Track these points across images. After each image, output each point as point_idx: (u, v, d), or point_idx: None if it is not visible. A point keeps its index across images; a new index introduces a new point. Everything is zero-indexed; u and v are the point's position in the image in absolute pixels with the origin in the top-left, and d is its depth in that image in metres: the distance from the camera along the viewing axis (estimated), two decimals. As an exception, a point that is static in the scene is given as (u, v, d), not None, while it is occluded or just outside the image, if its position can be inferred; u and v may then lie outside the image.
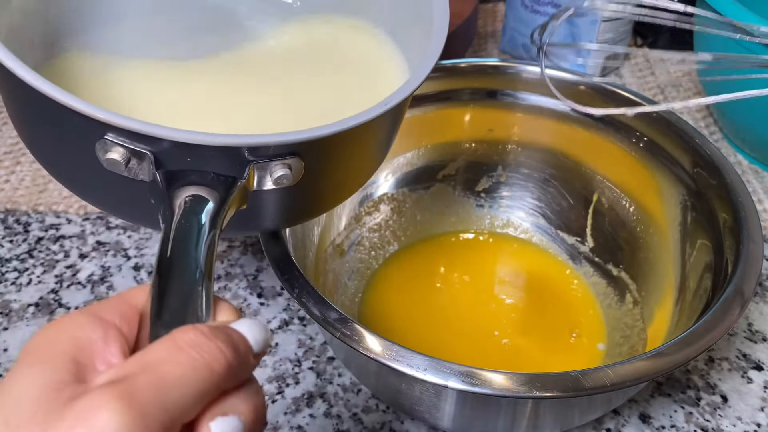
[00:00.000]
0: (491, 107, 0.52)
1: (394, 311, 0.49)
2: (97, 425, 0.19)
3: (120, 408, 0.19)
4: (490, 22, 0.80)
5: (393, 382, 0.38)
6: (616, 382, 0.32)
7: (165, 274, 0.25)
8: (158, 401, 0.20)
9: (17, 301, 0.49)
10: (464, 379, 0.32)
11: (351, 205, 0.51)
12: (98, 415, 0.19)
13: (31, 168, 0.60)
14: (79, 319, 0.23)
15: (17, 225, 0.55)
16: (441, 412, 0.38)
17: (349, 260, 0.50)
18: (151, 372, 0.20)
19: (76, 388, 0.21)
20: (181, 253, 0.26)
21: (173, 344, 0.21)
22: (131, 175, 0.29)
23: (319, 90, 0.40)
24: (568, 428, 0.41)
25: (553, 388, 0.32)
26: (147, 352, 0.21)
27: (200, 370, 0.21)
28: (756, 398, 0.44)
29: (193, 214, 0.28)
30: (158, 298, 0.24)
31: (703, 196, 0.44)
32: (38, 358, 0.22)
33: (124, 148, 0.28)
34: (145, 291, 0.25)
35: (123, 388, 0.20)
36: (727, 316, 0.35)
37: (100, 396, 0.19)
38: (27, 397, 0.20)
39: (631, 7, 0.42)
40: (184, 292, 0.25)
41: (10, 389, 0.21)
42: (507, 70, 0.51)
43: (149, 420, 0.19)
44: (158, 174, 0.29)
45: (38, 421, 0.20)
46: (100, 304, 0.24)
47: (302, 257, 0.43)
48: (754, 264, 0.38)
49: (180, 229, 0.27)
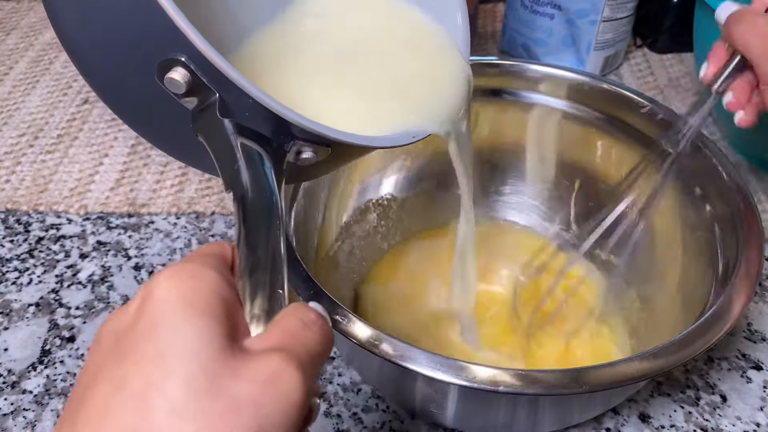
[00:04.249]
0: (492, 105, 0.52)
1: (390, 306, 0.49)
2: (285, 386, 0.22)
3: (299, 374, 0.22)
4: (490, 23, 0.80)
5: (397, 379, 0.38)
6: (614, 381, 0.32)
7: (253, 230, 0.26)
8: (314, 369, 0.24)
9: (18, 301, 0.49)
10: (459, 374, 0.32)
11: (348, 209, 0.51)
12: (285, 377, 0.22)
13: (32, 168, 0.60)
14: (215, 277, 0.24)
15: (18, 225, 0.55)
16: (443, 408, 0.38)
17: (343, 266, 0.50)
18: (301, 345, 0.23)
19: (236, 347, 0.22)
20: (261, 204, 0.27)
21: (300, 322, 0.24)
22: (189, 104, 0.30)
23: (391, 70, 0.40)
24: (567, 425, 0.41)
25: (551, 385, 0.32)
26: (284, 326, 0.24)
27: (327, 344, 0.25)
28: (755, 398, 0.44)
29: (263, 168, 0.29)
30: (248, 249, 0.26)
31: (704, 196, 0.44)
32: (203, 311, 0.22)
33: (191, 75, 0.28)
34: (225, 247, 0.26)
35: (294, 356, 0.22)
36: (726, 316, 0.35)
37: (280, 360, 0.22)
38: (204, 349, 0.21)
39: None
40: (271, 246, 0.26)
41: (182, 336, 0.21)
42: (509, 68, 0.51)
43: (309, 384, 0.23)
44: (228, 121, 0.29)
45: (220, 375, 0.21)
46: (212, 258, 0.25)
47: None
48: (754, 264, 0.38)
49: (259, 180, 0.28)
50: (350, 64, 0.40)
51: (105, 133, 0.64)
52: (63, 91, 0.69)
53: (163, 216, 0.56)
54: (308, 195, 0.46)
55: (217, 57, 0.28)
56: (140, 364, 0.21)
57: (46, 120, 0.65)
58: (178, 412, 0.20)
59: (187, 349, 0.21)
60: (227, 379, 0.21)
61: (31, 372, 0.45)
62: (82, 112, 0.66)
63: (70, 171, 0.60)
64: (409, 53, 0.41)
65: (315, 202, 0.47)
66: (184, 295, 0.22)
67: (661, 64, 0.73)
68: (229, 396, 0.21)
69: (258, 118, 0.30)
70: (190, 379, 0.21)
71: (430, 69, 0.40)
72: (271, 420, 0.21)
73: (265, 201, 0.27)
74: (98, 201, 0.57)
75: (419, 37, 0.41)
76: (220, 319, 0.22)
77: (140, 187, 0.58)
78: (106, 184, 0.58)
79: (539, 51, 0.70)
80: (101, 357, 0.23)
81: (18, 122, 0.65)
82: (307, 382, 0.22)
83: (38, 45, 0.75)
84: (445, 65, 0.40)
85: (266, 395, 0.21)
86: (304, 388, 0.22)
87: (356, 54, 0.40)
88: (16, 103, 0.67)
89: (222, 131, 0.29)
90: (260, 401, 0.21)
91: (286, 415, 0.21)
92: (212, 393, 0.21)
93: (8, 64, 0.72)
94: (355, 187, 0.51)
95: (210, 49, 0.27)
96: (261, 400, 0.21)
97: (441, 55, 0.40)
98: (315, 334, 0.24)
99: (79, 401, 0.22)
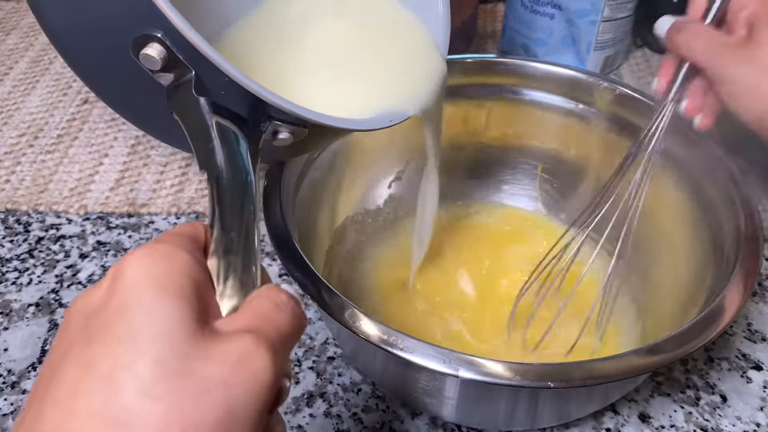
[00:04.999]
0: (494, 103, 0.53)
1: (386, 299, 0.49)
2: (255, 368, 0.22)
3: (269, 356, 0.22)
4: (490, 23, 0.80)
5: (399, 372, 0.39)
6: (609, 375, 0.33)
7: (227, 210, 0.26)
8: (285, 350, 0.24)
9: (18, 301, 0.49)
10: (464, 365, 0.32)
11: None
12: (255, 359, 0.22)
13: (32, 168, 0.60)
14: (186, 258, 0.24)
15: (18, 225, 0.55)
16: (445, 402, 0.38)
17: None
18: (273, 326, 0.24)
19: (207, 328, 0.22)
20: (235, 184, 0.27)
21: (272, 304, 0.24)
22: (164, 81, 0.30)
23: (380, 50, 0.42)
24: (566, 420, 0.41)
25: (549, 378, 0.32)
26: (256, 307, 0.24)
27: (299, 325, 0.25)
28: (755, 398, 0.44)
29: (238, 148, 0.29)
30: (222, 230, 0.26)
31: (704, 195, 0.44)
32: (174, 293, 0.22)
33: (167, 51, 0.28)
34: (198, 227, 0.26)
35: (265, 338, 0.23)
36: (723, 315, 0.35)
37: (250, 342, 0.22)
38: (175, 331, 0.21)
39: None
40: (244, 227, 0.26)
41: (154, 317, 0.21)
42: (509, 66, 0.51)
43: (279, 365, 0.23)
44: (203, 100, 0.29)
45: (191, 356, 0.21)
46: (184, 239, 0.25)
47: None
48: (754, 263, 0.38)
49: (232, 157, 0.28)
50: (330, 50, 0.41)
51: (105, 133, 0.64)
52: (63, 91, 0.69)
53: (163, 216, 0.56)
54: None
55: (193, 33, 0.28)
56: (110, 345, 0.21)
57: (46, 120, 0.65)
58: (147, 393, 0.20)
59: (158, 330, 0.21)
60: (197, 360, 0.21)
61: (31, 372, 0.45)
62: (82, 112, 0.66)
63: (70, 171, 0.60)
64: (388, 40, 0.42)
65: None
66: (156, 276, 0.22)
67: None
68: (199, 377, 0.21)
69: (233, 96, 0.29)
70: (160, 360, 0.21)
71: (407, 54, 0.41)
72: (240, 401, 0.21)
73: (240, 181, 0.27)
74: (98, 201, 0.57)
75: (398, 23, 0.42)
76: (191, 301, 0.22)
77: (140, 187, 0.58)
78: (106, 184, 0.58)
79: (539, 51, 0.70)
80: (70, 337, 0.22)
81: (18, 122, 0.65)
82: (278, 363, 0.22)
83: (38, 45, 0.75)
84: (422, 51, 0.41)
85: (236, 376, 0.21)
86: (274, 369, 0.22)
87: (337, 41, 0.41)
88: (16, 103, 0.67)
89: (197, 109, 0.29)
90: (230, 382, 0.21)
91: (255, 395, 0.22)
92: (182, 374, 0.21)
93: (8, 64, 0.72)
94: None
95: (186, 25, 0.27)
96: (230, 381, 0.21)
97: (418, 41, 0.41)
98: (287, 316, 0.24)
99: (47, 382, 0.22)
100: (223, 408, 0.21)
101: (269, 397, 0.22)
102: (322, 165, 0.47)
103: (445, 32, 0.41)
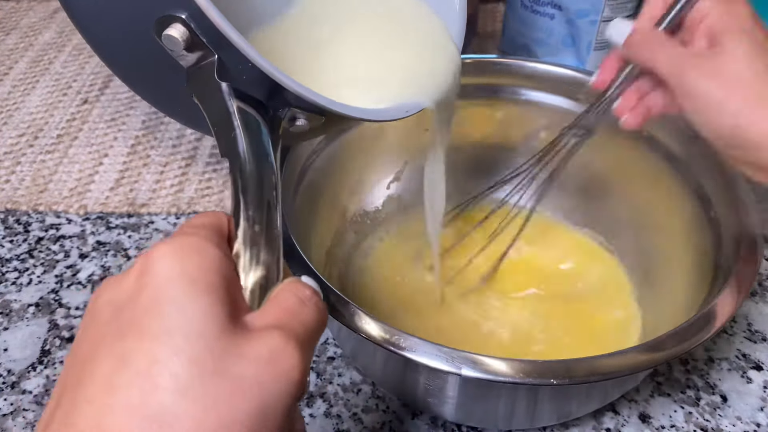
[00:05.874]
0: (494, 103, 0.53)
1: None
2: (286, 365, 0.22)
3: (297, 353, 0.22)
4: (490, 23, 0.80)
5: (400, 371, 0.39)
6: (612, 371, 0.33)
7: (251, 202, 0.26)
8: (311, 346, 0.24)
9: (17, 301, 0.49)
10: (467, 364, 0.32)
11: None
12: (285, 356, 0.22)
13: (31, 168, 0.60)
14: (217, 253, 0.23)
15: (17, 225, 0.55)
16: (446, 400, 0.38)
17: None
18: (299, 322, 0.24)
19: (237, 324, 0.22)
20: (259, 174, 0.27)
21: (297, 299, 0.25)
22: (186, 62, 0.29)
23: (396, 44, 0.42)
24: (566, 420, 0.41)
25: (552, 375, 0.32)
26: (282, 302, 0.24)
27: (322, 321, 0.25)
28: (755, 398, 0.44)
29: (260, 137, 0.29)
30: (246, 222, 0.26)
31: (704, 194, 0.44)
32: (206, 289, 0.22)
33: (190, 33, 0.28)
34: (221, 217, 0.26)
35: (293, 334, 0.23)
36: (723, 313, 0.35)
37: (279, 339, 0.22)
38: (209, 328, 0.21)
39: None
40: (268, 218, 0.26)
41: (187, 314, 0.21)
42: (509, 66, 0.51)
43: (307, 362, 0.23)
44: (225, 84, 0.29)
45: (224, 354, 0.21)
46: (211, 232, 0.25)
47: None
48: (753, 262, 0.38)
49: (255, 144, 0.28)
50: (350, 42, 0.41)
51: (105, 133, 0.64)
52: (63, 91, 0.69)
53: (163, 216, 0.56)
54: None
55: (218, 15, 0.27)
56: (145, 341, 0.21)
57: (45, 120, 0.65)
58: (184, 393, 0.20)
59: (192, 328, 0.21)
60: (231, 358, 0.21)
61: (30, 372, 0.45)
62: (82, 112, 0.66)
63: (69, 171, 0.60)
64: (407, 32, 0.42)
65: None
66: (189, 271, 0.22)
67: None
68: (233, 377, 0.21)
69: (255, 82, 0.29)
70: (196, 359, 0.21)
71: (425, 47, 0.41)
72: (272, 399, 0.21)
73: (263, 171, 0.27)
74: (98, 201, 0.57)
75: (417, 17, 0.42)
76: (222, 297, 0.22)
77: (140, 187, 0.58)
78: (106, 184, 0.58)
79: (539, 51, 0.70)
80: (100, 329, 0.22)
81: (18, 122, 0.65)
82: (306, 359, 0.23)
83: (38, 45, 0.75)
84: (439, 44, 0.41)
85: (267, 374, 0.21)
86: (302, 366, 0.22)
87: (356, 33, 0.41)
88: (15, 103, 0.67)
89: (218, 94, 0.29)
90: (262, 381, 0.21)
91: (286, 393, 0.22)
92: (217, 374, 0.21)
93: (8, 64, 0.72)
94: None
95: (212, 8, 0.27)
96: (263, 380, 0.21)
97: (436, 34, 0.41)
98: (311, 311, 0.25)
99: (77, 375, 0.21)
100: (257, 407, 0.21)
101: (299, 393, 0.22)
102: (322, 166, 0.47)
103: (461, 26, 0.42)
